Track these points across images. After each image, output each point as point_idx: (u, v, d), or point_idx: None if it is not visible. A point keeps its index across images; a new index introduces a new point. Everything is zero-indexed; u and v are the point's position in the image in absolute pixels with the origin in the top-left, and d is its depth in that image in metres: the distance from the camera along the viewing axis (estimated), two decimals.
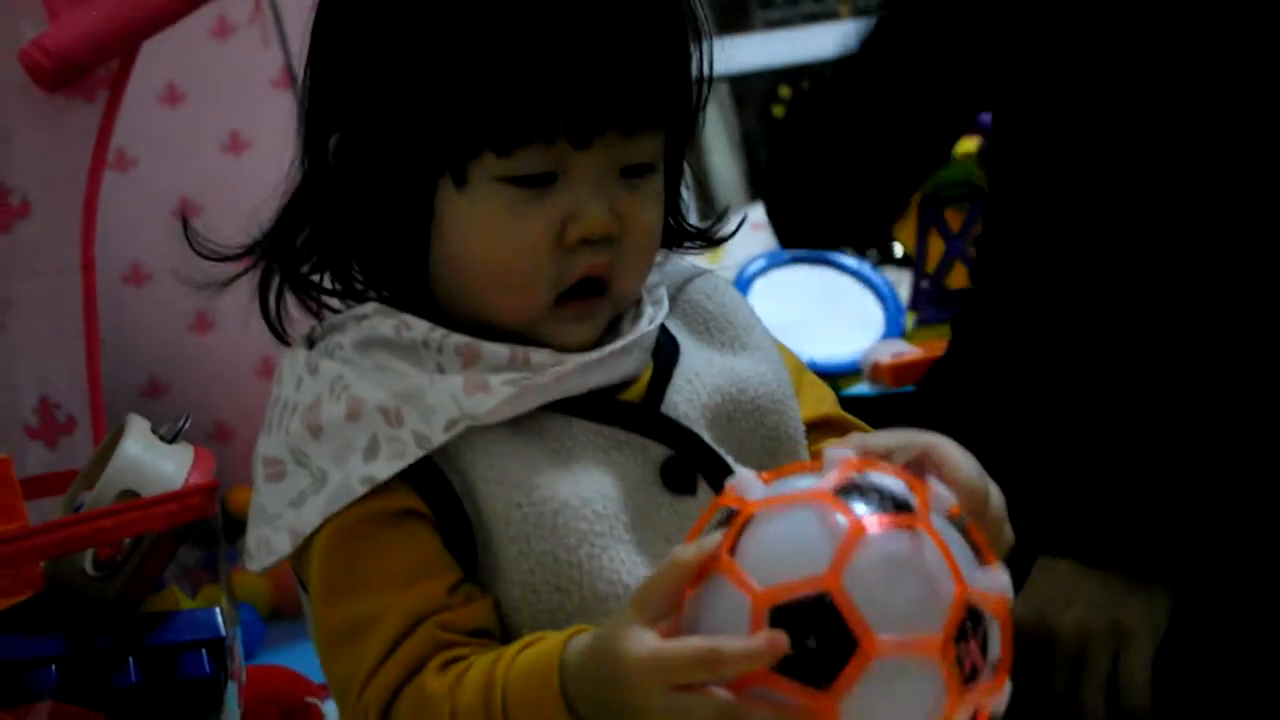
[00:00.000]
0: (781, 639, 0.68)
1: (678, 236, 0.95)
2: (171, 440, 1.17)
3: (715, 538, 0.72)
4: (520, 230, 0.84)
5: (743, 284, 2.12)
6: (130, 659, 1.07)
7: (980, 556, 0.74)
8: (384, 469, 0.83)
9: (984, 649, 0.71)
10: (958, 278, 2.01)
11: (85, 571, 1.09)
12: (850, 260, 2.20)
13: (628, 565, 0.85)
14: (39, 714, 0.99)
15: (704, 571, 0.72)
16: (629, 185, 0.86)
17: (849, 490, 0.72)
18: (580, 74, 0.82)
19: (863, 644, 0.68)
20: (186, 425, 1.19)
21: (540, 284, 0.85)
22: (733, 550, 0.71)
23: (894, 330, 2.07)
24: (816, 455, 0.96)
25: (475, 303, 0.87)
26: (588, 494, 0.85)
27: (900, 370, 1.79)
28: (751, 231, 2.88)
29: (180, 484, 1.13)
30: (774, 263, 2.20)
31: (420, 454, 0.84)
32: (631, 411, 0.89)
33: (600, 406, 0.88)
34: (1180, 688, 1.04)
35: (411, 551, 0.84)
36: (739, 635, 0.69)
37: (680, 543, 0.81)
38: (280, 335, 0.91)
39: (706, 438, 0.89)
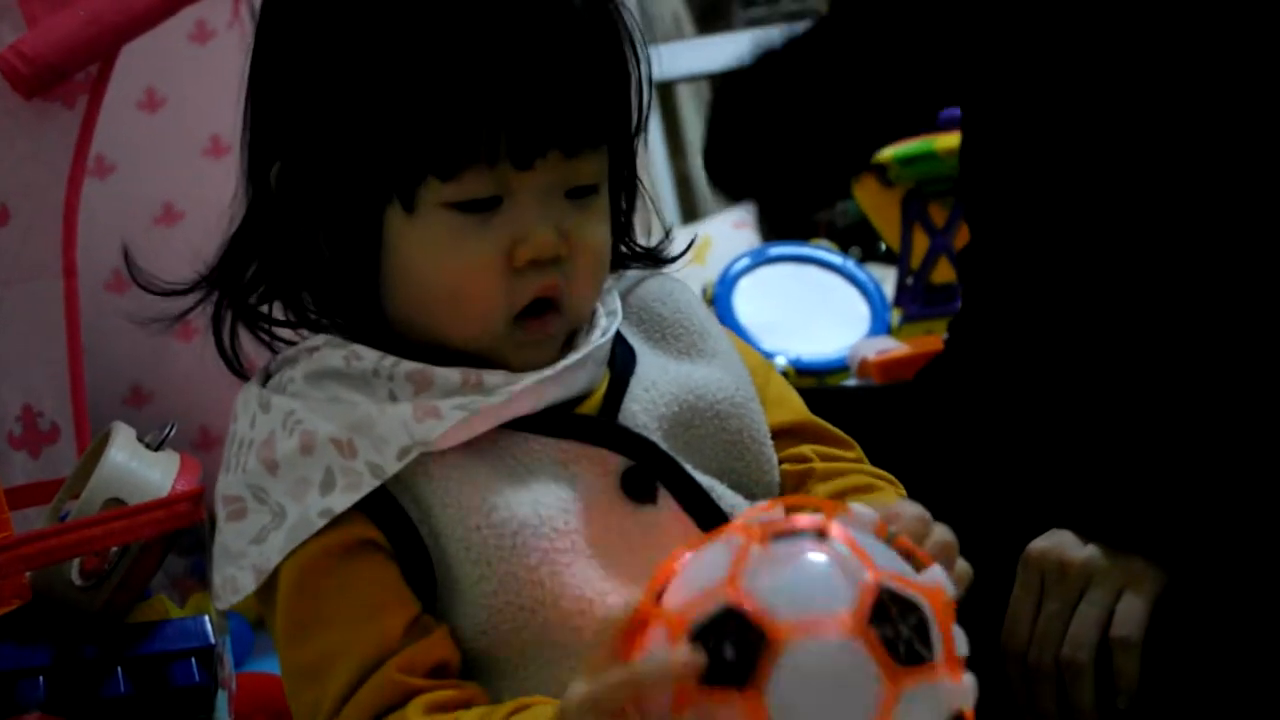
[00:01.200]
0: (692, 651, 0.69)
1: (625, 258, 0.96)
2: (157, 448, 1.17)
3: (637, 594, 0.75)
4: (469, 254, 0.85)
5: (728, 283, 2.13)
6: (119, 669, 1.06)
7: (915, 562, 0.75)
8: (340, 500, 0.84)
9: (924, 638, 0.71)
10: (943, 273, 2.02)
11: (72, 581, 1.08)
12: (835, 257, 2.21)
13: (591, 580, 0.85)
14: None
15: (639, 627, 0.73)
16: (576, 206, 0.87)
17: (768, 530, 0.74)
18: (520, 96, 0.83)
19: (769, 634, 0.69)
20: (172, 433, 1.18)
21: (493, 307, 0.85)
22: (659, 599, 0.74)
23: (880, 327, 2.08)
24: (787, 461, 0.96)
25: (431, 327, 0.87)
26: (547, 511, 0.85)
27: (888, 366, 1.80)
28: (735, 230, 2.89)
29: (167, 491, 1.12)
30: (759, 261, 2.21)
31: (375, 484, 0.84)
32: (589, 424, 0.88)
33: (557, 421, 0.88)
34: (1169, 661, 1.05)
35: (370, 584, 0.84)
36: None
37: (646, 548, 0.84)
38: (236, 369, 0.91)
39: (664, 446, 0.89)
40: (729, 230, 2.60)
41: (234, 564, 0.86)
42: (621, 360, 0.91)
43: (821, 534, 0.73)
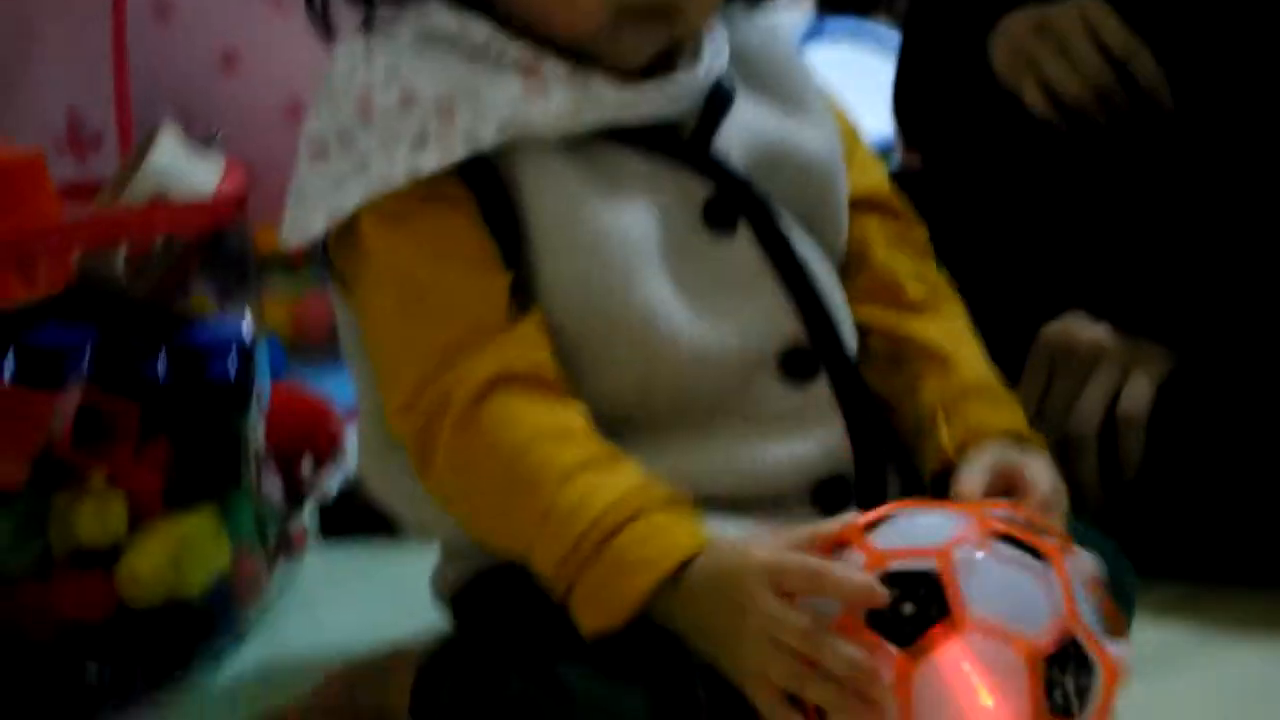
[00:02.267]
0: (881, 589, 0.71)
1: None
2: (204, 150, 1.18)
3: (855, 516, 0.76)
4: None
5: None
6: (160, 356, 1.09)
7: (1109, 627, 0.76)
8: (430, 162, 0.84)
9: (1082, 699, 0.72)
10: None
11: (117, 271, 1.10)
12: (889, 35, 2.17)
13: (659, 298, 0.86)
14: (69, 399, 1.01)
15: (836, 544, 0.75)
16: None
17: (1002, 527, 0.74)
18: None
19: (954, 614, 0.70)
20: (219, 137, 1.20)
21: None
22: (868, 530, 0.75)
23: None
24: (858, 233, 0.97)
25: (535, 12, 0.86)
26: (630, 222, 0.86)
27: None
28: (789, 4, 2.82)
29: (211, 193, 1.15)
30: (811, 36, 2.16)
31: (468, 153, 0.84)
32: (682, 146, 0.89)
33: (651, 139, 0.88)
34: (1173, 439, 1.07)
35: (464, 238, 0.85)
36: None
37: (719, 280, 0.85)
38: (325, 29, 0.91)
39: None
40: (784, 1, 2.55)
41: (308, 204, 0.87)
42: (721, 96, 0.91)
43: (1047, 560, 0.73)
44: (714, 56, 0.91)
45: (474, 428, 0.82)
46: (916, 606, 0.71)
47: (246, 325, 1.16)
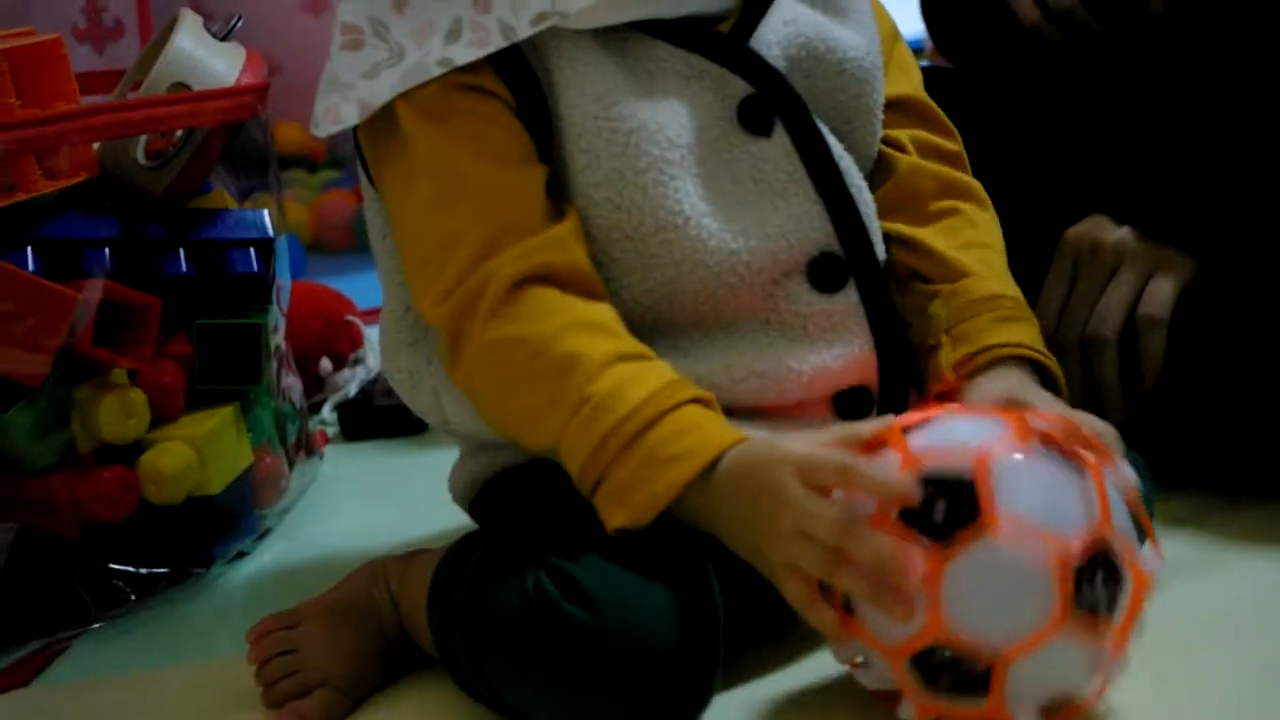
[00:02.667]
0: (913, 486, 0.70)
1: None
2: (224, 38, 1.16)
3: (893, 418, 0.75)
4: None
5: None
6: (181, 250, 1.08)
7: (1142, 535, 0.75)
8: (464, 54, 0.82)
9: (1110, 606, 0.71)
10: None
11: (137, 161, 1.09)
12: None
13: (691, 198, 0.85)
14: (93, 291, 1.00)
15: (873, 445, 0.74)
16: None
17: (1041, 435, 0.74)
18: None
19: (985, 516, 0.69)
20: (239, 25, 1.18)
21: None
22: (907, 432, 0.74)
23: None
24: (889, 139, 0.95)
25: None
26: (664, 120, 0.84)
27: None
28: None
29: (231, 82, 1.12)
30: None
31: (504, 43, 0.83)
32: (720, 42, 0.87)
33: (688, 33, 0.86)
34: (1195, 342, 1.06)
35: (499, 130, 0.84)
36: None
37: (752, 183, 0.83)
38: None
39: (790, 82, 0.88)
40: None
41: (340, 93, 0.85)
42: None
43: (1084, 469, 0.72)
44: None
45: (507, 317, 0.81)
46: (949, 506, 0.70)
47: (267, 220, 1.14)
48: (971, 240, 0.93)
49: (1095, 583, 0.70)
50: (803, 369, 0.86)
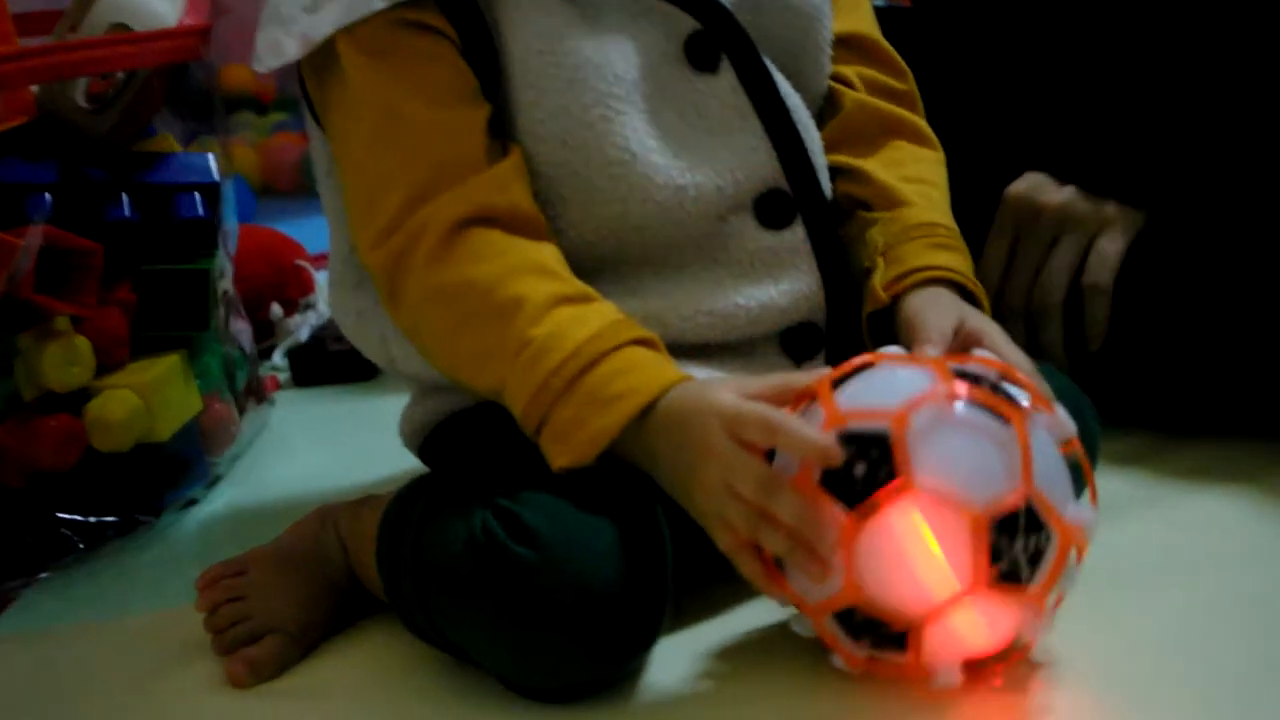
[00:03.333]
0: (834, 446, 0.70)
1: None
2: None
3: (826, 370, 0.74)
4: None
5: None
6: (124, 194, 1.06)
7: (1081, 492, 0.75)
8: None
9: (1035, 564, 0.70)
10: None
11: (78, 103, 1.07)
12: None
13: (638, 134, 0.84)
14: (34, 237, 0.98)
15: (804, 397, 0.74)
16: None
17: (969, 374, 0.73)
18: None
19: (902, 478, 0.68)
20: None
21: None
22: (837, 385, 0.73)
23: None
24: (837, 76, 0.94)
25: None
26: (611, 56, 0.84)
27: None
28: None
29: (173, 23, 1.10)
30: None
31: None
32: None
33: None
34: (1140, 306, 1.06)
35: (441, 65, 0.83)
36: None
37: (699, 119, 0.83)
38: None
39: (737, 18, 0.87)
40: None
41: (282, 27, 0.84)
42: None
43: (1009, 424, 0.70)
44: None
45: (448, 261, 0.80)
46: (868, 467, 0.70)
47: (212, 163, 1.12)
48: (913, 175, 0.93)
49: (1015, 546, 0.70)
50: (750, 305, 0.86)
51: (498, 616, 0.74)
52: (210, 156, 1.13)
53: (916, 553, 0.69)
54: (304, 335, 1.42)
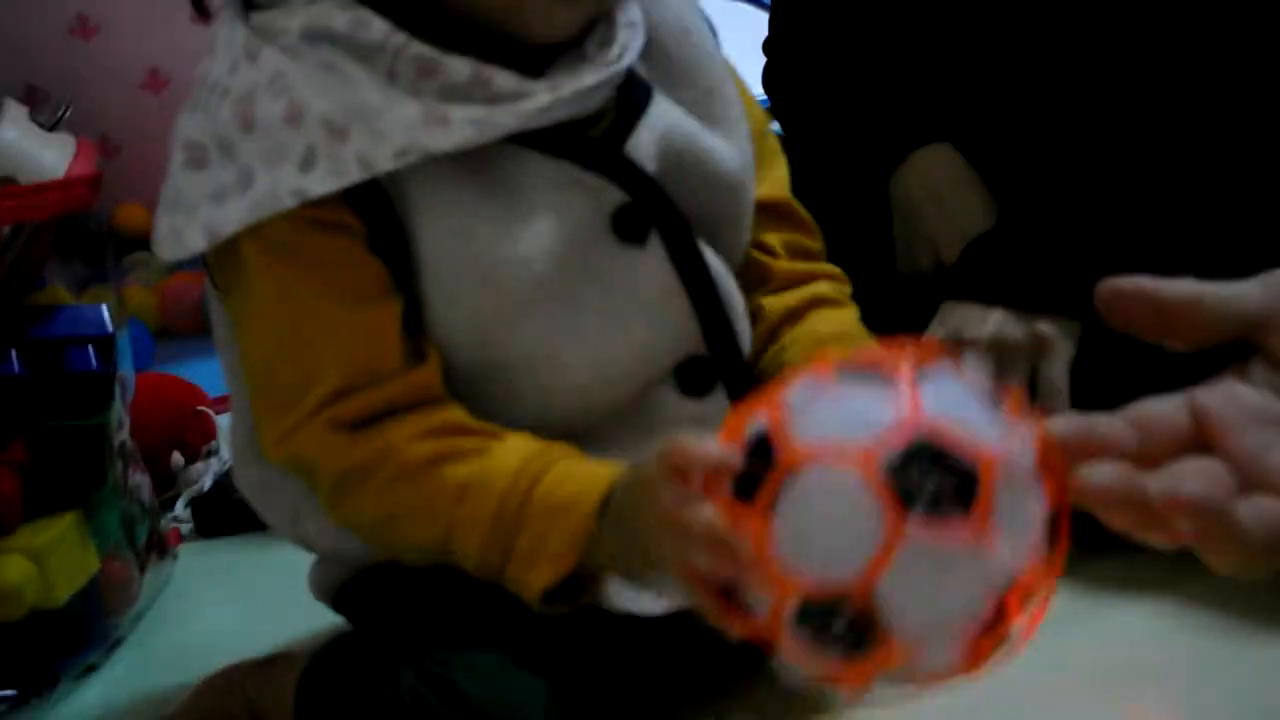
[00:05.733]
0: (725, 451, 0.66)
1: None
2: (51, 128, 1.11)
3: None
4: None
5: None
6: (13, 350, 1.03)
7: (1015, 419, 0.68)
8: (319, 184, 0.78)
9: (962, 496, 0.64)
10: None
11: None
12: None
13: (558, 329, 0.82)
14: None
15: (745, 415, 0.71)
16: None
17: (842, 364, 0.69)
18: None
19: (783, 456, 0.66)
20: (67, 114, 1.13)
21: None
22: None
23: None
24: (757, 247, 0.94)
25: None
26: (527, 248, 0.81)
27: None
28: None
29: (61, 174, 1.08)
30: None
31: (362, 177, 0.78)
32: (593, 147, 0.83)
33: (560, 140, 0.83)
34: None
35: (351, 266, 0.80)
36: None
37: (624, 292, 0.82)
38: (199, 7, 0.85)
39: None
40: None
41: (185, 214, 0.80)
42: (635, 93, 0.86)
43: (891, 376, 0.67)
44: (630, 39, 0.84)
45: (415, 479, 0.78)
46: (753, 462, 0.66)
47: (106, 314, 1.09)
48: (837, 320, 0.93)
49: (926, 481, 0.65)
50: None
51: None
52: (103, 307, 1.09)
53: (823, 511, 0.65)
54: (207, 484, 1.38)
